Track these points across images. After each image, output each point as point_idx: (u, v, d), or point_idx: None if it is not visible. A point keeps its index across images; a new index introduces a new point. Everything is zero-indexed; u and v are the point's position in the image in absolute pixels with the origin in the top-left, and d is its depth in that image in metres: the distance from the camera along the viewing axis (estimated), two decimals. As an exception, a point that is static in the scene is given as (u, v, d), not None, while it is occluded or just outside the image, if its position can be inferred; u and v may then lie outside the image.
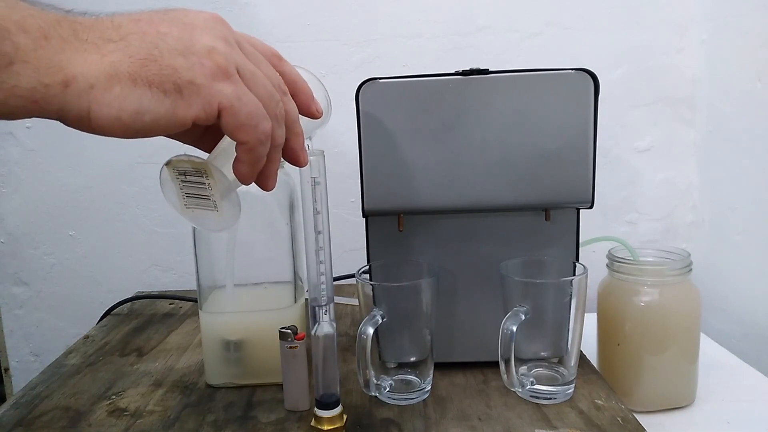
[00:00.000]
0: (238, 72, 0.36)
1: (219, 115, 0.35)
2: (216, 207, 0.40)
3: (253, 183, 0.40)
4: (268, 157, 0.39)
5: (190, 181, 0.39)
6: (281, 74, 0.41)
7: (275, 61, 0.41)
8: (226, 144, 0.40)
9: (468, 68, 0.57)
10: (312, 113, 0.44)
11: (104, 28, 0.34)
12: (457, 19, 0.95)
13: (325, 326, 0.50)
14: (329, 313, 0.51)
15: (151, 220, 1.01)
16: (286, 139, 0.40)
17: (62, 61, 0.32)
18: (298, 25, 0.95)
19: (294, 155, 0.42)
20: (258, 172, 0.39)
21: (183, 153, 0.39)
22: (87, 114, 0.32)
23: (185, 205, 0.41)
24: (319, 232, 0.49)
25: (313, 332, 0.51)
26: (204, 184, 0.39)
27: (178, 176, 0.39)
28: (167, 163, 0.39)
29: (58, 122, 0.33)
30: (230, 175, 0.39)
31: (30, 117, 0.32)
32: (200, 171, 0.39)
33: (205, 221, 0.41)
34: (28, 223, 1.00)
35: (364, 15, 0.95)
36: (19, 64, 0.30)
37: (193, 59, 0.34)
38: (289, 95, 0.41)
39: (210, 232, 0.56)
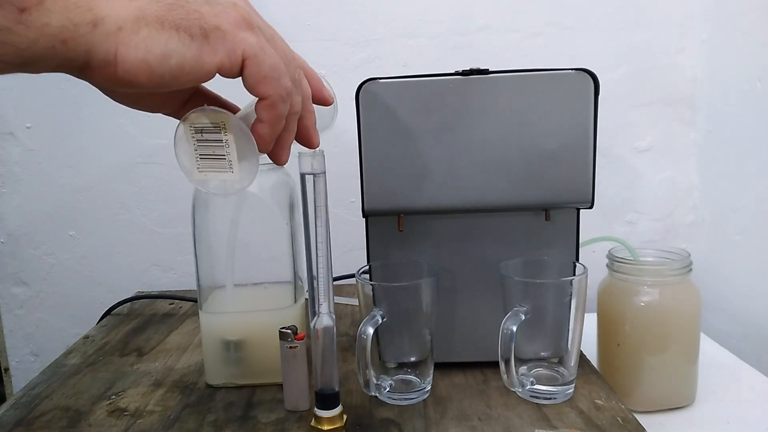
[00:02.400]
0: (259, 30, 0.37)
1: (242, 66, 0.36)
2: (231, 167, 0.39)
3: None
4: (285, 125, 0.39)
5: (207, 139, 0.39)
6: None
7: None
8: (245, 112, 0.40)
9: (468, 68, 0.57)
10: (324, 97, 0.45)
11: None
12: (457, 19, 0.95)
13: (325, 318, 0.50)
14: (329, 306, 0.50)
15: (151, 220, 1.01)
16: (300, 116, 0.40)
17: (91, 2, 0.32)
18: (298, 25, 0.95)
19: (307, 134, 0.42)
20: (275, 138, 0.39)
21: (204, 106, 0.39)
22: (114, 57, 0.32)
23: (198, 168, 0.40)
24: (319, 233, 0.49)
25: (312, 325, 0.50)
26: (221, 141, 0.38)
27: (194, 134, 0.39)
28: (184, 119, 0.38)
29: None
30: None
31: (54, 66, 0.32)
32: (219, 126, 0.38)
33: (217, 185, 0.40)
34: (28, 223, 1.00)
35: (364, 15, 0.95)
36: (49, 0, 0.30)
37: (219, 8, 0.35)
38: (303, 74, 0.41)
39: (220, 196, 0.54)
